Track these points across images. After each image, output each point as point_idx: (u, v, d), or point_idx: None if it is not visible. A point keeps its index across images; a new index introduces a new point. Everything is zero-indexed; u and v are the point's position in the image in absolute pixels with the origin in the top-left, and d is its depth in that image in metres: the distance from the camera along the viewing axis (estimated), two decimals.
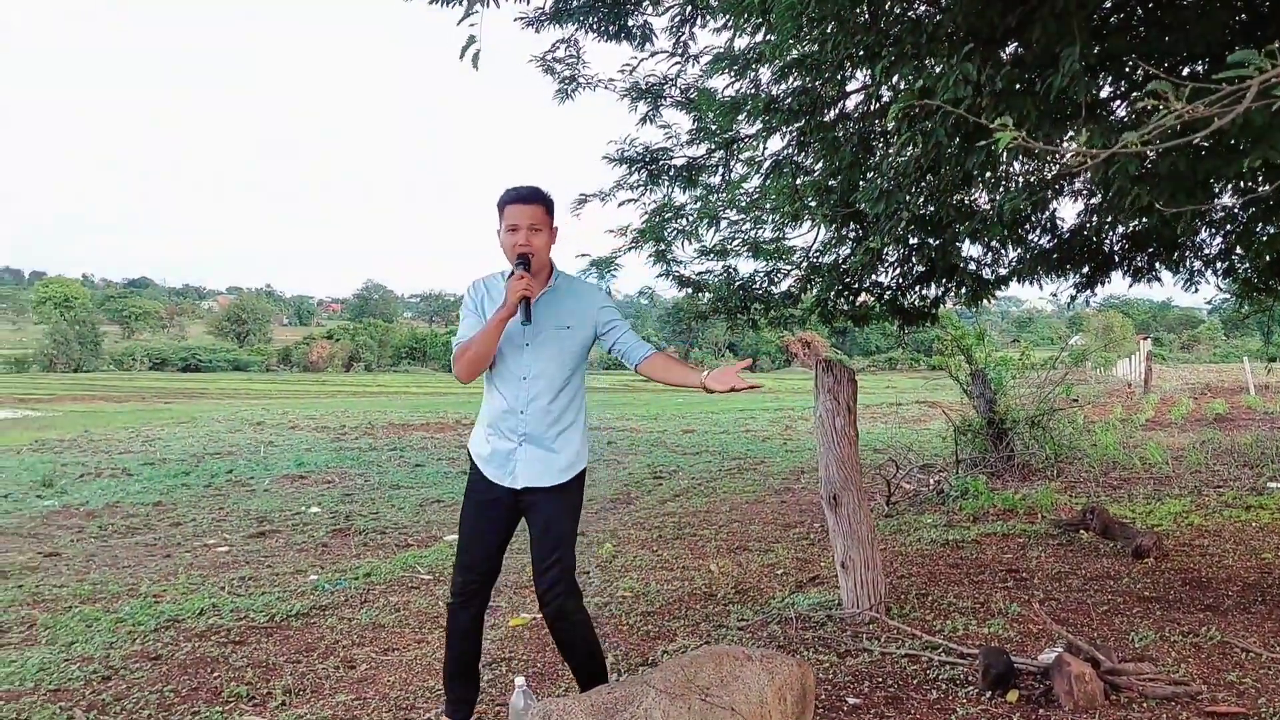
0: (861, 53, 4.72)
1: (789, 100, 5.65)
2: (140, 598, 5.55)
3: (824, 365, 5.17)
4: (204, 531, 8.28)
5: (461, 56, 2.66)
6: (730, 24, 6.03)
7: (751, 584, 5.95)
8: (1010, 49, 4.69)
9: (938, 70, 4.38)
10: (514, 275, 3.27)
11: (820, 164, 6.47)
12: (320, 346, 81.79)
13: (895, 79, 4.78)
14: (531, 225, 3.34)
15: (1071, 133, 4.49)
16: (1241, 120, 3.78)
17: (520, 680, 3.35)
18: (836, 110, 6.08)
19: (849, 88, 5.81)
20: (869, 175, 5.78)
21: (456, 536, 3.62)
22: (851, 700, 3.78)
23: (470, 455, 3.58)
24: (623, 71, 7.46)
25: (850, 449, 5.05)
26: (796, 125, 5.82)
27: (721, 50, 6.50)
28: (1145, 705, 3.58)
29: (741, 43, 6.38)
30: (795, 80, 5.58)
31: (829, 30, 4.66)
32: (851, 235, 7.33)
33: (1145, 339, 39.39)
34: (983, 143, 4.80)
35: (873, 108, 5.86)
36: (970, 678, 3.91)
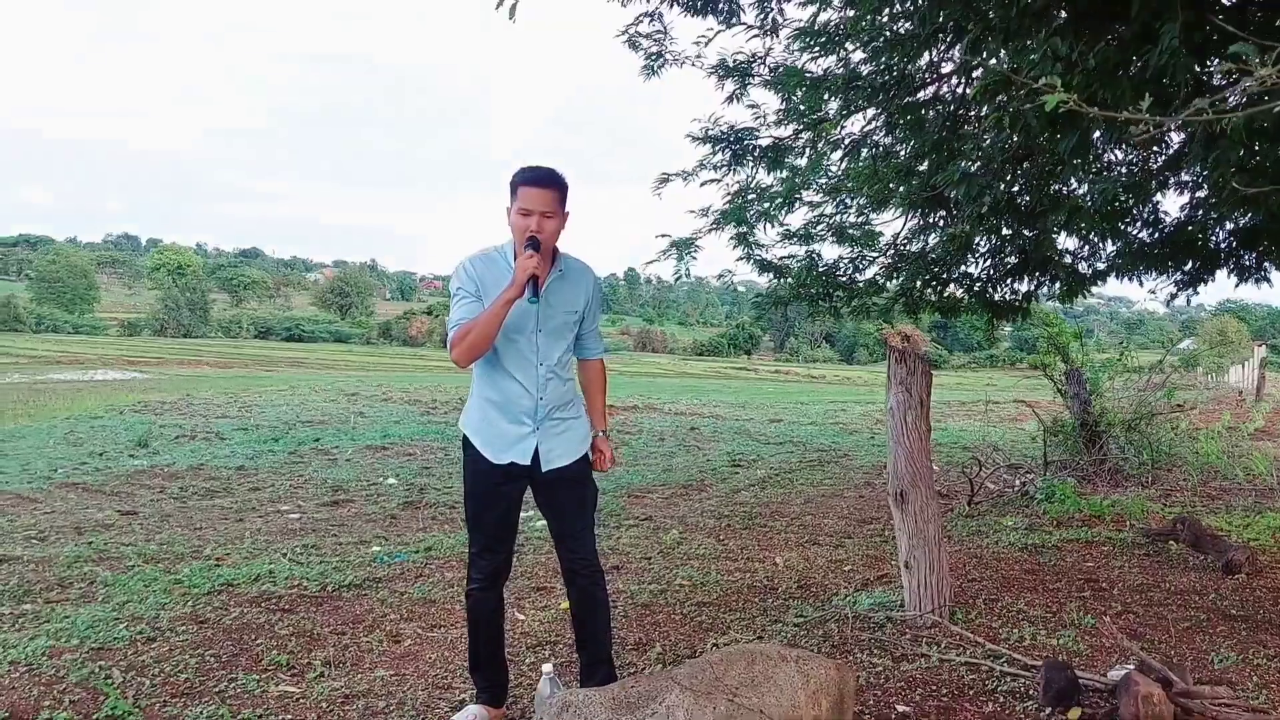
0: (950, 26, 4.49)
1: (874, 77, 5.43)
2: (202, 560, 5.62)
3: (897, 356, 4.94)
4: (280, 497, 8.41)
5: (498, 6, 2.55)
6: None
7: (816, 579, 5.77)
8: (1108, 26, 4.39)
9: (1028, 46, 4.14)
10: (524, 255, 3.21)
11: (907, 146, 6.22)
12: (419, 322, 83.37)
13: (985, 56, 4.54)
14: (544, 211, 3.26)
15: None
16: None
17: (548, 668, 3.26)
18: (924, 90, 5.84)
19: (937, 65, 5.54)
20: (955, 158, 5.51)
21: (468, 521, 3.59)
22: (901, 708, 3.59)
23: (469, 443, 3.50)
24: (697, 44, 7.26)
25: (921, 444, 4.83)
26: (881, 104, 5.60)
27: (804, 25, 6.28)
28: None
29: (827, 17, 6.18)
30: (881, 56, 5.36)
31: (916, 3, 4.45)
32: (938, 222, 7.08)
33: (1261, 345, 37.65)
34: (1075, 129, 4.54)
35: (961, 87, 5.58)
36: (1031, 692, 3.69)
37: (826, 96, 6.39)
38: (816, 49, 6.42)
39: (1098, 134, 5.03)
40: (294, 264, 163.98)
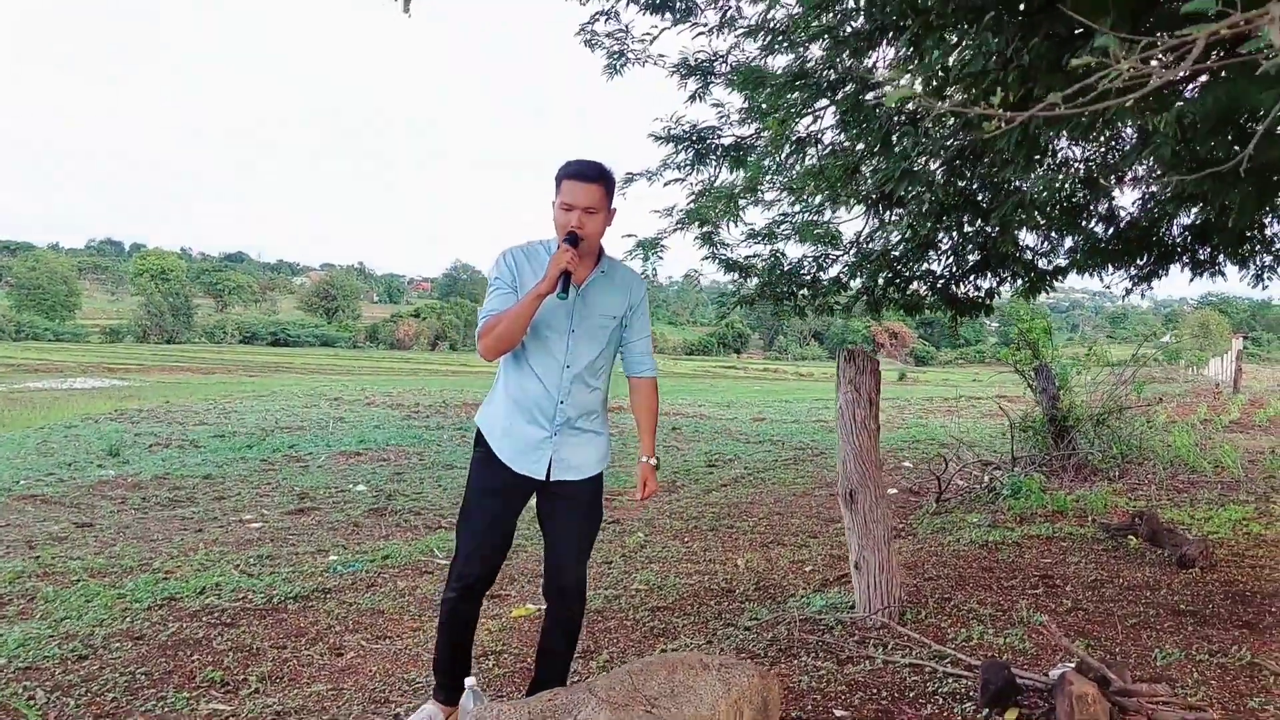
0: (891, 24, 4.46)
1: (823, 75, 5.40)
2: (150, 573, 5.55)
3: (846, 355, 4.92)
4: (244, 506, 8.34)
5: None
6: None
7: (775, 581, 5.75)
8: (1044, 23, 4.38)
9: (965, 44, 4.11)
10: (560, 249, 3.07)
11: (857, 143, 6.19)
12: (407, 324, 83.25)
13: (925, 52, 4.51)
14: (588, 207, 3.12)
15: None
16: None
17: (470, 680, 3.21)
18: (876, 89, 5.80)
19: (877, 61, 5.51)
20: (897, 156, 5.49)
21: (459, 519, 3.40)
22: (839, 712, 3.56)
23: (481, 434, 3.35)
24: (643, 40, 7.22)
25: (870, 443, 4.81)
26: (835, 101, 5.56)
27: (755, 23, 6.25)
28: None
29: (779, 14, 6.14)
30: (829, 54, 5.33)
31: (859, 1, 4.42)
32: (894, 220, 7.05)
33: (1242, 337, 37.84)
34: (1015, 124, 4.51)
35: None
36: (971, 693, 3.67)
37: (789, 95, 6.37)
38: (773, 46, 6.39)
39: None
40: (280, 267, 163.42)
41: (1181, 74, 1.58)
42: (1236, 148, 4.04)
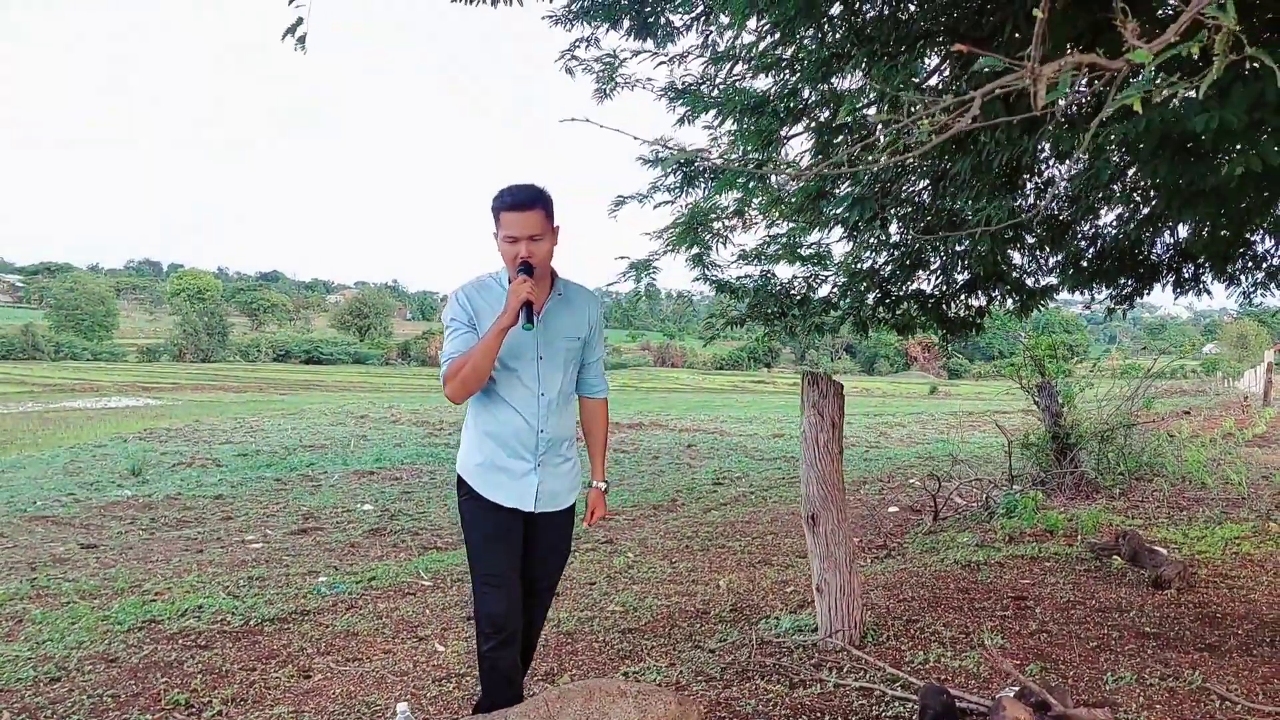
0: (836, 52, 4.53)
1: (785, 101, 5.47)
2: (138, 595, 5.70)
3: (810, 379, 4.97)
4: (249, 526, 8.50)
5: (284, 38, 2.58)
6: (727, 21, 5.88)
7: (753, 602, 5.78)
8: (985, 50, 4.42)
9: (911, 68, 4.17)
10: (517, 280, 3.03)
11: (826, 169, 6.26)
12: (438, 341, 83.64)
13: (874, 78, 4.58)
14: (532, 234, 3.06)
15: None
16: (1217, 124, 3.52)
17: (403, 707, 3.28)
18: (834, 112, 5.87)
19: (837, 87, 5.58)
20: (843, 182, 5.58)
21: (470, 566, 3.32)
22: None
23: (463, 480, 3.29)
24: (603, 64, 7.31)
25: (833, 466, 4.85)
26: (795, 129, 5.64)
27: (724, 50, 6.34)
28: None
29: (747, 40, 6.23)
30: (793, 80, 5.41)
31: (802, 29, 4.50)
32: (877, 242, 7.09)
33: (1277, 349, 37.26)
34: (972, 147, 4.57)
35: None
36: (914, 717, 3.69)
37: (711, 115, 6.48)
38: (745, 74, 6.47)
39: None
40: (315, 286, 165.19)
41: (971, 124, 1.64)
42: (1181, 171, 4.06)
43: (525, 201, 3.07)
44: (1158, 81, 1.65)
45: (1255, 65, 1.57)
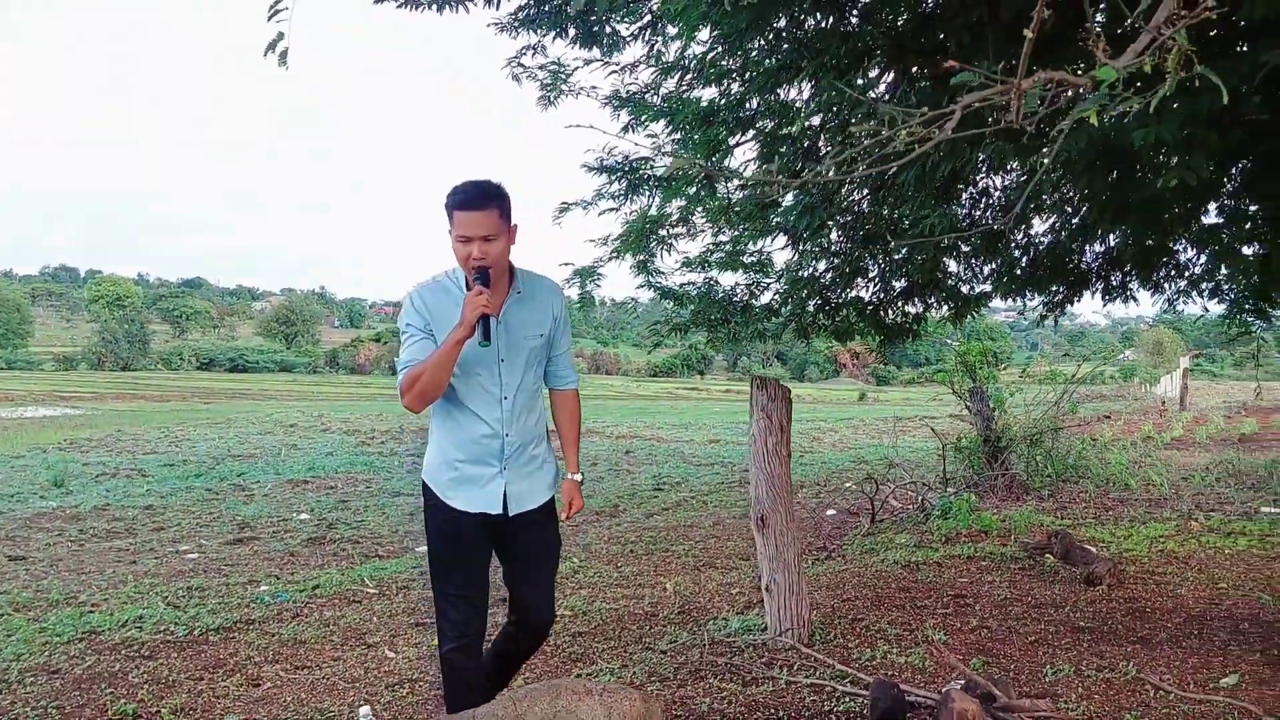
0: (791, 64, 4.63)
1: (733, 111, 5.57)
2: (75, 607, 5.58)
3: (758, 383, 5.06)
4: (183, 537, 8.34)
5: (266, 54, 2.58)
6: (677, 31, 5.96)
7: (700, 604, 5.86)
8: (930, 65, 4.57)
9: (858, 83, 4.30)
10: (472, 290, 2.91)
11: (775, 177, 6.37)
12: (367, 349, 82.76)
13: (822, 92, 4.70)
14: (485, 235, 2.92)
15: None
16: (1154, 137, 3.67)
17: (365, 710, 3.28)
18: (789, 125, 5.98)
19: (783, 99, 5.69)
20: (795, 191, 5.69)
21: (431, 575, 3.22)
22: None
23: (430, 489, 3.19)
24: (547, 71, 7.35)
25: (781, 468, 4.95)
26: (741, 138, 5.74)
27: (672, 61, 6.42)
28: None
29: (695, 51, 6.32)
30: (743, 91, 5.51)
31: (760, 43, 4.60)
32: (818, 250, 7.22)
33: (1192, 356, 38.58)
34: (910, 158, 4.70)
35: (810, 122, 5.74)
36: (865, 711, 3.79)
37: (709, 130, 6.53)
38: (694, 83, 6.56)
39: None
40: (239, 293, 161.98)
41: (948, 135, 1.73)
42: (1116, 184, 4.24)
43: (478, 200, 2.94)
44: (1114, 96, 1.75)
45: (1190, 83, 1.67)
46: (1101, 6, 3.81)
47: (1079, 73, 1.77)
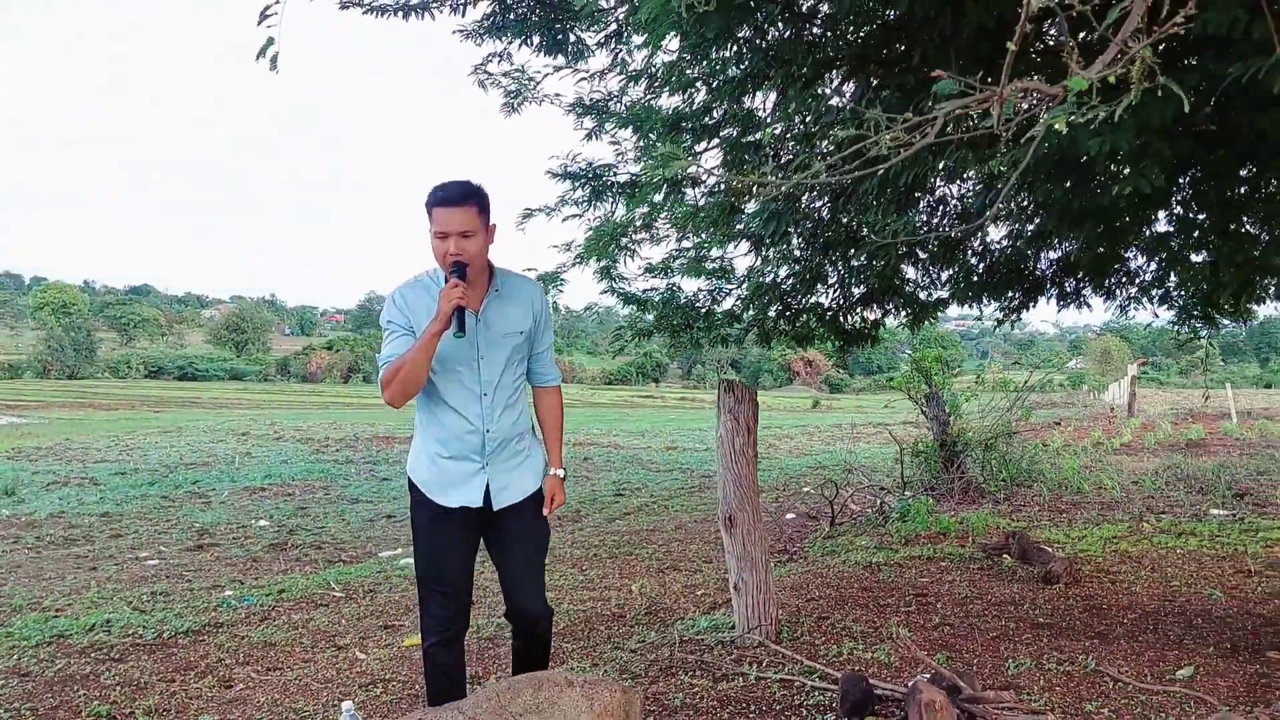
0: (758, 73, 4.72)
1: (701, 118, 5.66)
2: (40, 612, 5.54)
3: (725, 385, 5.15)
4: (141, 544, 8.28)
5: (258, 58, 2.61)
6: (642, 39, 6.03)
7: (666, 605, 5.92)
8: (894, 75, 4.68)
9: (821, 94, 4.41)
10: (448, 284, 2.99)
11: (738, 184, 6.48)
12: (319, 357, 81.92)
13: (789, 100, 4.80)
14: (462, 231, 3.00)
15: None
16: (1109, 146, 3.81)
17: (348, 705, 3.31)
18: (754, 131, 6.09)
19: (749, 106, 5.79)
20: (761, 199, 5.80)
21: (416, 569, 3.29)
22: None
23: (414, 485, 3.26)
24: (511, 78, 7.41)
25: (748, 469, 5.03)
26: (706, 145, 5.83)
27: (639, 69, 6.51)
28: None
29: (664, 60, 6.41)
30: (705, 98, 5.61)
31: (717, 52, 4.69)
32: (779, 256, 7.33)
33: (1139, 364, 39.35)
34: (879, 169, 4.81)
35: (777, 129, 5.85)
36: (834, 704, 3.88)
37: (675, 137, 6.62)
38: (659, 90, 6.65)
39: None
40: (188, 300, 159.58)
41: (931, 140, 1.82)
42: (1073, 191, 4.39)
43: (456, 197, 3.03)
44: (1081, 105, 1.85)
45: (1150, 93, 1.78)
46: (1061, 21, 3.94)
47: (1040, 82, 1.88)
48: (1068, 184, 4.39)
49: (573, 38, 7.22)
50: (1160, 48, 1.77)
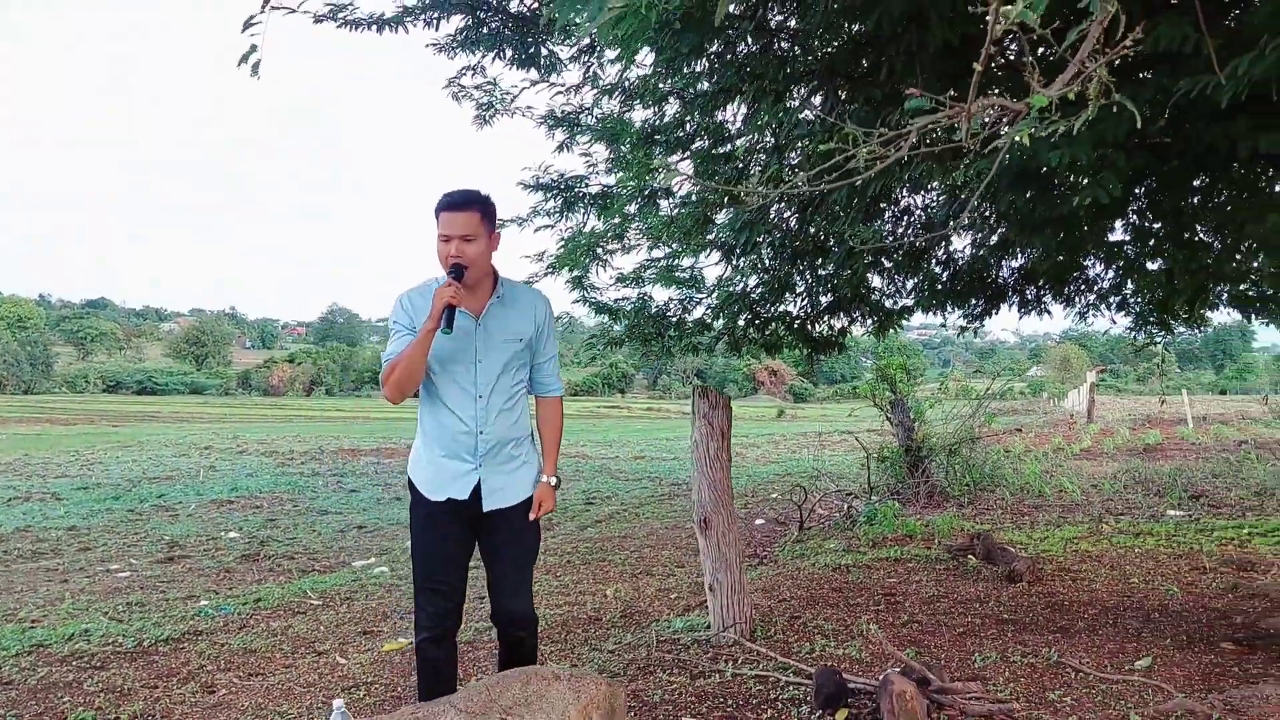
0: (727, 86, 4.86)
1: (675, 130, 5.79)
2: (16, 623, 5.55)
3: (700, 392, 5.27)
4: (111, 557, 8.25)
5: (240, 64, 2.69)
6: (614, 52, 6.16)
7: (641, 608, 6.02)
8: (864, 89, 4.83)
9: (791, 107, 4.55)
10: (444, 284, 3.11)
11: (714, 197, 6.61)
12: (281, 370, 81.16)
13: (761, 113, 4.94)
14: (464, 235, 3.14)
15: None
16: (1068, 158, 3.97)
17: (338, 703, 3.38)
18: (726, 143, 6.22)
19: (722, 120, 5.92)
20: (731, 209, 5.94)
21: (412, 567, 3.39)
22: (687, 719, 3.85)
23: (412, 484, 3.37)
24: (483, 91, 7.50)
25: (723, 473, 5.15)
26: (679, 156, 5.96)
27: (612, 83, 6.62)
28: None
29: (636, 74, 6.53)
30: (677, 112, 5.74)
31: (690, 66, 4.82)
32: (750, 266, 7.47)
33: (1098, 371, 40.00)
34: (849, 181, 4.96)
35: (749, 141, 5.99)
36: (808, 698, 4.00)
37: (647, 149, 6.75)
38: (631, 104, 6.77)
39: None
40: (146, 313, 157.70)
41: (905, 154, 1.94)
42: (1034, 201, 4.55)
43: (460, 202, 3.16)
44: (1043, 120, 1.98)
45: (1107, 108, 1.91)
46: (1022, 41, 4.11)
47: (1003, 97, 2.01)
48: (1029, 194, 4.55)
49: (545, 51, 7.34)
50: (1116, 64, 1.90)
